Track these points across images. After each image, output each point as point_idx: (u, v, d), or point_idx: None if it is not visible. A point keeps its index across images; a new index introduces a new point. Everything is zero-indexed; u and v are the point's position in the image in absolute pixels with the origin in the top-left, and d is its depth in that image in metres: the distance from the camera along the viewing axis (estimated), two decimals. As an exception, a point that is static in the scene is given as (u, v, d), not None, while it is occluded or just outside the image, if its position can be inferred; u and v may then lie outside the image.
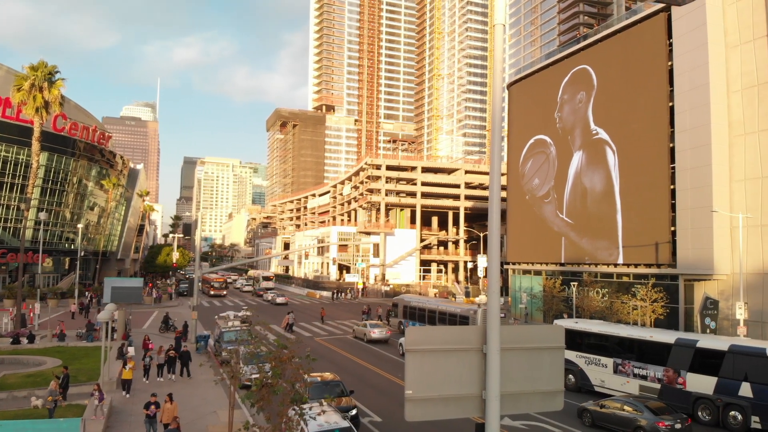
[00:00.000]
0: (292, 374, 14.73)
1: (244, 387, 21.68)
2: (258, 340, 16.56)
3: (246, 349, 16.88)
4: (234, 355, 17.60)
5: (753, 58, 38.40)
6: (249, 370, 21.22)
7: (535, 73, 60.43)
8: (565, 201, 54.17)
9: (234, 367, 17.11)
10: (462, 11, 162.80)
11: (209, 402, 23.84)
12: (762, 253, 37.35)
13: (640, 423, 19.93)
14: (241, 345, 17.82)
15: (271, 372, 14.72)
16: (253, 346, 16.34)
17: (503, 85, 74.85)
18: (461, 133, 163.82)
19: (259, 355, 15.91)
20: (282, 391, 14.29)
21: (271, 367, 14.83)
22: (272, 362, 14.90)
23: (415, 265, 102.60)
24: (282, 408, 14.12)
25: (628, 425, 20.39)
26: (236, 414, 19.26)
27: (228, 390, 20.55)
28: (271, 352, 15.46)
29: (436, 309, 42.95)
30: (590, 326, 28.48)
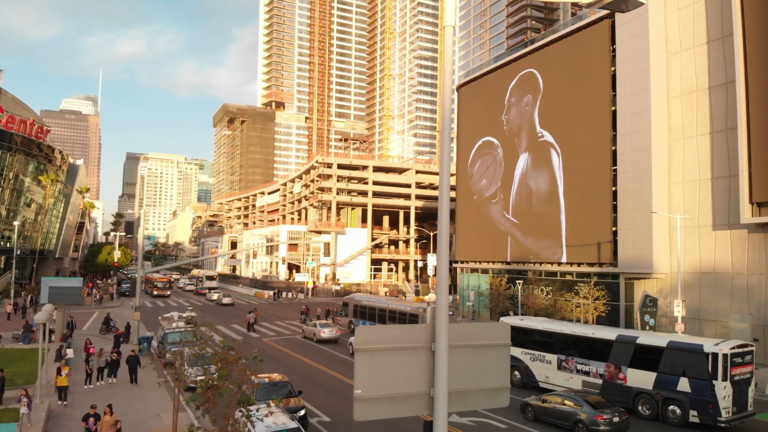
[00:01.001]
0: (238, 375, 14.55)
1: (188, 389, 21.23)
2: (203, 342, 16.29)
3: (191, 350, 16.61)
4: (178, 356, 17.26)
5: (693, 64, 40.18)
6: (194, 371, 20.84)
7: (484, 76, 61.47)
8: (511, 201, 55.33)
9: (178, 368, 16.79)
10: (413, 12, 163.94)
11: (152, 405, 23.18)
12: (699, 252, 39.15)
13: (580, 417, 20.54)
14: (186, 346, 17.52)
15: (217, 374, 14.51)
16: (199, 347, 16.10)
17: (453, 86, 75.81)
18: (412, 133, 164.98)
19: (205, 357, 15.68)
20: (228, 392, 14.10)
21: (217, 369, 14.61)
22: (218, 364, 14.70)
23: (366, 264, 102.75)
24: (228, 410, 13.91)
25: (569, 419, 20.99)
26: (181, 417, 18.83)
27: (172, 392, 20.04)
28: (217, 353, 15.21)
29: (386, 308, 43.11)
30: (535, 323, 29.18)
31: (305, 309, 55.99)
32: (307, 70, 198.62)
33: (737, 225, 36.32)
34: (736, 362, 21.29)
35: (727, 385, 20.84)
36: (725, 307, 37.26)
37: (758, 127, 34.31)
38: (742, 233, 36.45)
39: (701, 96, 39.46)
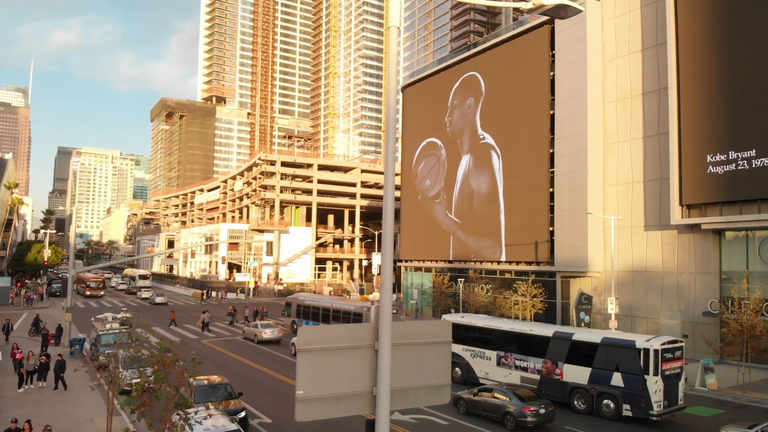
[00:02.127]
0: (176, 378, 14.20)
1: (123, 392, 20.49)
2: (139, 343, 15.82)
3: (126, 352, 16.12)
4: (112, 359, 16.70)
5: (627, 71, 41.86)
6: (129, 374, 20.13)
7: (428, 78, 62.12)
8: (454, 201, 56.17)
9: (113, 371, 16.28)
10: (358, 11, 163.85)
11: (85, 409, 22.23)
12: (631, 252, 40.84)
13: (508, 409, 21.29)
14: (121, 348, 16.98)
15: (153, 376, 14.10)
16: (134, 349, 15.63)
17: (398, 87, 75.83)
18: (358, 132, 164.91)
19: (140, 359, 15.24)
20: (165, 395, 13.74)
21: (153, 371, 14.18)
22: (154, 366, 14.28)
23: (310, 263, 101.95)
24: (165, 413, 13.53)
25: (498, 411, 21.71)
26: (115, 421, 18.17)
27: (106, 396, 19.32)
28: (153, 355, 14.77)
29: (330, 307, 42.88)
30: (475, 320, 29.71)
31: (232, 310, 54.22)
32: (250, 65, 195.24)
33: (668, 226, 38.10)
34: (667, 357, 22.29)
35: (658, 380, 21.80)
36: (656, 305, 39.03)
37: (689, 132, 36.10)
38: (673, 234, 38.27)
39: (635, 102, 41.17)
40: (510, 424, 21.15)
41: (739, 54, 33.84)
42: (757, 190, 32.47)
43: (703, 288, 36.31)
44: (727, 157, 33.86)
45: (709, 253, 36.29)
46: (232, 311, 53.82)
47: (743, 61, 33.63)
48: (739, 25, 33.91)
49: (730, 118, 34.06)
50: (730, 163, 33.70)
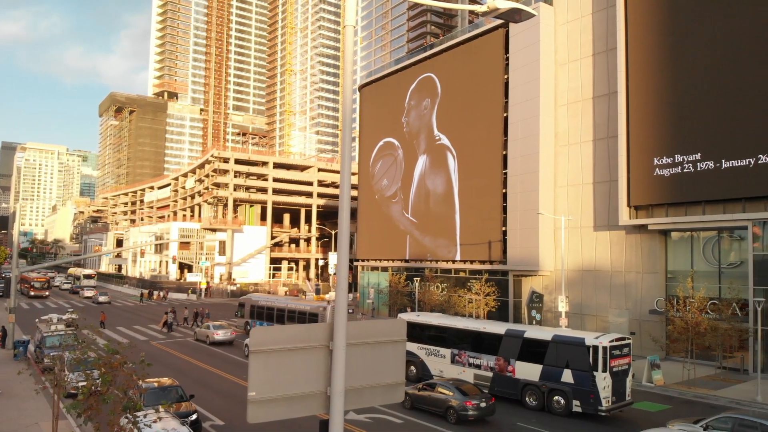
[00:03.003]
0: (124, 381, 13.83)
1: (69, 396, 19.84)
2: (85, 345, 15.34)
3: (72, 354, 15.64)
4: (58, 361, 16.17)
5: (579, 75, 42.95)
6: (75, 377, 19.48)
7: (386, 78, 62.27)
8: (410, 201, 56.51)
9: (58, 374, 15.75)
10: (315, 9, 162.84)
11: (29, 413, 21.37)
12: (581, 252, 41.93)
13: (451, 403, 21.84)
14: (66, 350, 16.47)
15: (100, 379, 13.71)
16: (80, 351, 15.16)
17: (354, 86, 75.95)
18: (314, 130, 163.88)
19: (87, 362, 14.79)
20: (113, 398, 13.39)
21: (101, 374, 13.78)
22: (102, 368, 13.87)
23: (264, 263, 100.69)
24: (113, 417, 13.16)
25: (441, 405, 22.22)
26: (61, 425, 17.55)
27: (51, 400, 18.64)
28: (101, 357, 14.35)
29: (285, 307, 42.47)
30: (430, 319, 29.95)
31: (171, 311, 50.46)
32: (204, 61, 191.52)
33: (616, 226, 39.28)
34: (615, 354, 22.97)
35: (606, 376, 22.44)
36: (605, 303, 40.20)
37: (637, 136, 37.31)
38: (621, 234, 39.48)
39: (586, 105, 42.29)
40: (452, 417, 21.74)
41: (686, 61, 35.18)
42: (702, 192, 33.83)
43: (650, 287, 37.60)
44: (673, 160, 35.15)
45: (655, 253, 37.59)
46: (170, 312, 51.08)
47: (689, 68, 34.97)
48: (686, 33, 35.24)
49: (676, 123, 35.37)
50: (676, 166, 35.00)
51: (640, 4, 37.62)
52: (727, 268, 34.32)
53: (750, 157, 31.50)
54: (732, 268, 34.11)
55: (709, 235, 35.48)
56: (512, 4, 7.53)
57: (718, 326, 29.53)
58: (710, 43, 33.82)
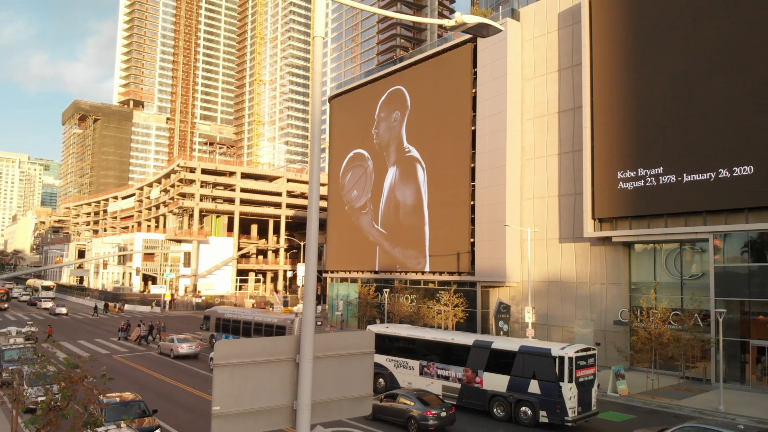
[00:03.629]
0: (85, 395, 13.44)
1: (28, 411, 19.16)
2: (45, 359, 14.90)
3: (31, 368, 15.19)
4: (16, 375, 15.67)
5: (545, 90, 43.75)
6: (34, 392, 18.86)
7: (355, 89, 62.47)
8: (380, 212, 56.58)
9: (17, 389, 15.27)
10: (285, 20, 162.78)
11: (-21, 434, 20.54)
12: (547, 263, 42.50)
13: (412, 413, 21.97)
14: (25, 364, 15.99)
15: (60, 394, 13.30)
16: (39, 365, 14.72)
17: (324, 97, 75.90)
18: (284, 140, 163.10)
19: (47, 376, 14.37)
20: (73, 414, 13.00)
21: (60, 389, 13.37)
22: (61, 383, 13.46)
23: (231, 275, 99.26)
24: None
25: (402, 415, 22.33)
26: (15, 444, 16.89)
27: (9, 415, 18.01)
28: (61, 372, 13.93)
29: (251, 320, 41.89)
30: (399, 330, 29.91)
31: (124, 325, 50.01)
32: (171, 69, 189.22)
33: (581, 238, 39.96)
34: (581, 365, 23.26)
35: (572, 387, 22.69)
36: (570, 314, 40.76)
37: (600, 150, 38.12)
38: (586, 246, 40.16)
39: (551, 119, 43.07)
40: (413, 427, 21.84)
41: (648, 78, 36.17)
42: (664, 205, 34.68)
43: (614, 298, 38.28)
44: (636, 173, 36.00)
45: (619, 265, 38.33)
46: (124, 327, 49.71)
47: (652, 84, 35.96)
48: (648, 50, 36.27)
49: (639, 137, 36.27)
50: (639, 180, 35.84)
51: (604, 21, 38.62)
52: (690, 280, 35.19)
53: (710, 172, 32.47)
54: (694, 279, 34.98)
55: (672, 247, 36.36)
56: (479, 19, 7.64)
57: (680, 337, 30.20)
58: (672, 61, 34.87)
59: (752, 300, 31.51)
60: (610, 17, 38.34)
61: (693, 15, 33.96)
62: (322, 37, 6.22)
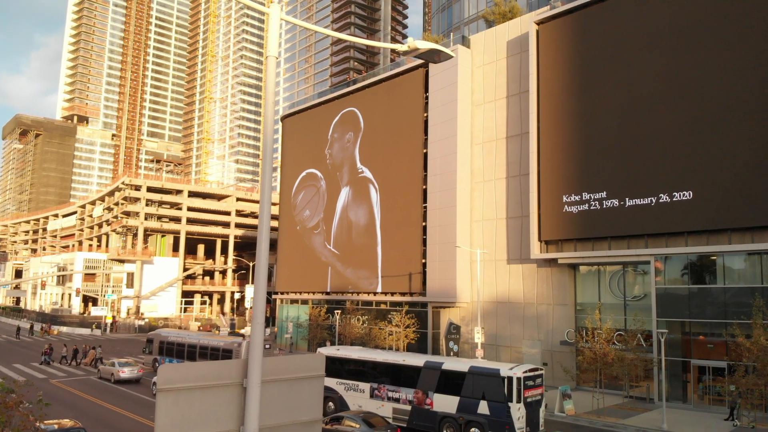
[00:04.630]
0: (20, 422, 12.77)
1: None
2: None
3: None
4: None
5: (494, 116, 44.82)
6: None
7: (309, 109, 62.46)
8: (333, 233, 56.32)
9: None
10: (237, 38, 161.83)
11: None
12: (495, 284, 43.12)
13: None
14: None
15: (-10, 422, 12.54)
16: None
17: (277, 116, 75.40)
18: (234, 159, 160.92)
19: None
20: (5, 443, 12.26)
21: (-9, 417, 12.60)
22: (-8, 410, 12.71)
23: (176, 296, 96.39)
24: (3, 465, 12.01)
25: None
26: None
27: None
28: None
29: (196, 343, 40.65)
30: (350, 353, 29.63)
31: (47, 349, 47.14)
32: (118, 85, 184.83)
33: (528, 260, 40.78)
34: (529, 385, 23.55)
35: (521, 407, 22.92)
36: (519, 334, 41.36)
37: (547, 174, 39.19)
38: (533, 267, 40.99)
39: (500, 144, 44.10)
40: None
41: (593, 105, 37.57)
42: (607, 228, 35.83)
43: (561, 318, 39.10)
44: (581, 197, 37.13)
45: (565, 286, 39.26)
46: (47, 351, 46.87)
47: (596, 111, 37.36)
48: (593, 79, 37.73)
49: (583, 163, 37.50)
50: (584, 204, 36.98)
51: (551, 50, 40.02)
52: (632, 301, 36.33)
53: (651, 197, 33.81)
54: (637, 300, 36.13)
55: (615, 269, 37.52)
56: (431, 45, 7.78)
57: (624, 357, 31.01)
58: (615, 90, 36.36)
59: (692, 321, 32.76)
60: (556, 47, 39.77)
61: (634, 46, 35.60)
62: (275, 56, 6.21)
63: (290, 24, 74.29)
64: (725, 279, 31.93)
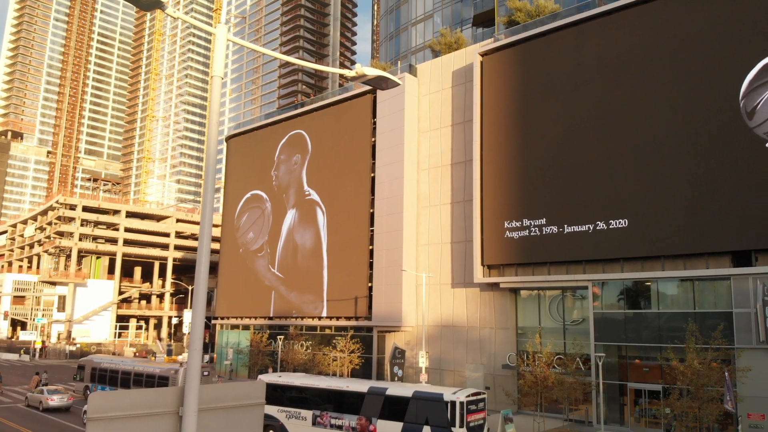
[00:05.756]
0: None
1: None
2: None
3: None
4: None
5: (439, 143, 45.62)
6: None
7: (255, 130, 61.83)
8: (277, 256, 55.50)
9: None
10: (183, 57, 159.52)
11: None
12: (440, 307, 43.40)
13: None
14: None
15: None
16: None
17: (221, 137, 74.26)
18: (175, 179, 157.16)
19: None
20: None
21: None
22: None
23: (110, 321, 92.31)
24: None
25: None
26: None
27: None
28: None
29: (131, 370, 38.99)
30: (293, 379, 29.06)
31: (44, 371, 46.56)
32: (56, 101, 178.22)
33: (471, 284, 41.32)
34: (471, 409, 23.64)
35: (464, 431, 22.95)
36: (462, 358, 41.63)
37: (489, 200, 40.05)
38: (476, 291, 41.54)
39: (445, 170, 44.87)
40: None
41: (533, 135, 38.79)
42: (547, 254, 36.79)
43: (503, 342, 39.64)
44: (522, 224, 38.07)
45: (507, 310, 39.91)
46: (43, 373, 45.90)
47: (536, 141, 38.57)
48: (534, 109, 39.03)
49: (524, 190, 38.55)
50: (524, 230, 37.91)
51: (494, 81, 41.25)
52: (571, 325, 37.25)
53: (589, 224, 35.00)
54: (575, 324, 37.08)
55: (555, 294, 38.46)
56: (379, 72, 7.88)
57: (564, 380, 31.65)
58: (555, 120, 37.71)
59: (629, 344, 33.85)
60: (499, 78, 41.04)
61: (572, 79, 37.13)
62: (221, 77, 6.14)
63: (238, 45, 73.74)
64: (659, 304, 33.24)
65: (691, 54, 32.48)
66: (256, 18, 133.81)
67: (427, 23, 61.89)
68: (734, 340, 29.00)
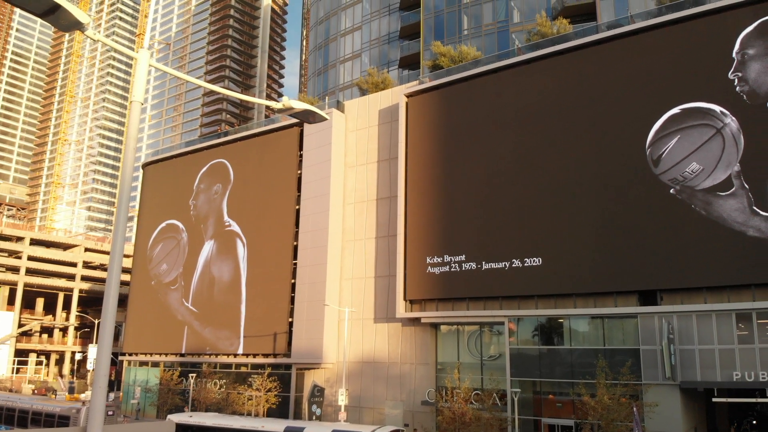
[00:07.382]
0: None
1: None
2: None
3: None
4: None
5: (365, 178, 46.00)
6: None
7: (174, 158, 60.03)
8: (192, 289, 53.42)
9: None
10: (101, 80, 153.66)
11: None
12: (362, 343, 43.06)
13: None
14: None
15: None
16: None
17: (137, 163, 71.76)
18: (86, 206, 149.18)
19: None
20: None
21: None
22: None
23: (8, 355, 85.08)
24: None
25: None
26: None
27: None
28: None
29: (29, 409, 36.04)
30: (204, 419, 27.81)
31: None
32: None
33: (393, 319, 41.39)
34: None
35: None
36: (382, 394, 41.29)
37: (413, 236, 40.61)
38: (398, 326, 41.61)
39: (370, 205, 45.20)
40: None
41: (455, 175, 39.92)
42: (466, 290, 37.54)
43: (422, 377, 39.72)
44: (443, 259, 38.76)
45: (427, 345, 40.16)
46: None
47: (457, 180, 39.70)
48: (456, 151, 40.27)
49: (445, 227, 39.41)
50: (445, 265, 38.59)
51: (419, 121, 42.35)
52: (489, 361, 37.93)
53: (506, 261, 36.10)
54: (492, 360, 37.78)
55: (473, 329, 39.15)
56: (306, 106, 7.89)
57: (481, 416, 32.02)
58: (475, 161, 39.03)
59: (543, 380, 34.79)
60: (423, 118, 42.20)
61: (492, 123, 38.73)
62: (140, 102, 5.94)
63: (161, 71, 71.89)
64: (572, 340, 34.51)
65: (602, 103, 34.75)
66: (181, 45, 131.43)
67: (355, 62, 63.08)
68: (642, 376, 30.47)
